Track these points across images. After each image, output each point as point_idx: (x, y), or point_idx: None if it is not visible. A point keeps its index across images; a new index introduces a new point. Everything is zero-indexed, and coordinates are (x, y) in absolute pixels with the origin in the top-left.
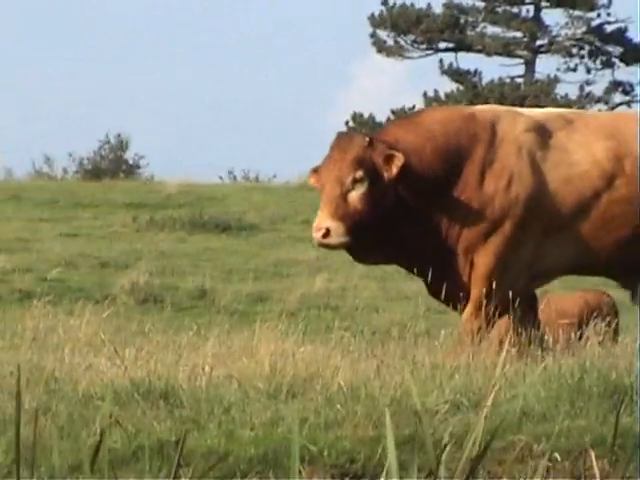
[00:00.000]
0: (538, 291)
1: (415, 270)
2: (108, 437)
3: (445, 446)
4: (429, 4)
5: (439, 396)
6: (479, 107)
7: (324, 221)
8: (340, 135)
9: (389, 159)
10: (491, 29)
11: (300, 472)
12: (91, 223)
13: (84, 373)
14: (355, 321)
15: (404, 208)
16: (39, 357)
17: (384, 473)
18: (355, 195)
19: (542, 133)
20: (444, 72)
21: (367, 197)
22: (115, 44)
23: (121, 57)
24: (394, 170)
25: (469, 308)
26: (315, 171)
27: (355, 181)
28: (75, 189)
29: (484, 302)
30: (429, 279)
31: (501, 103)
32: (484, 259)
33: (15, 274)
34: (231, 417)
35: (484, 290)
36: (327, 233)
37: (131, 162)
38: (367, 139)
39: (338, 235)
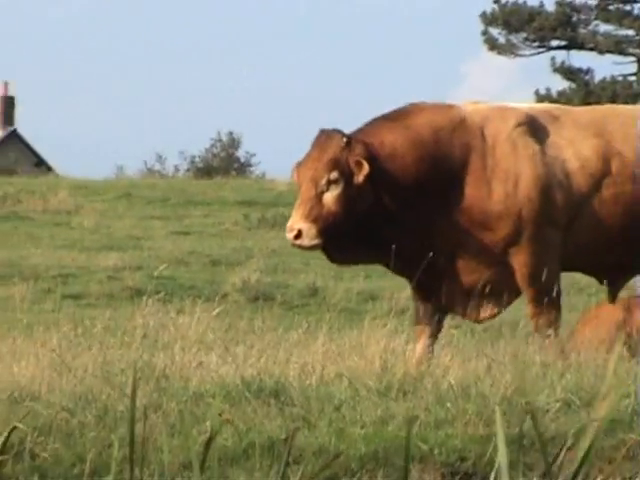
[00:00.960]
0: None
1: (401, 271)
2: (218, 435)
3: (562, 446)
4: (541, 2)
5: (550, 395)
6: (467, 107)
7: (297, 222)
8: (321, 132)
9: (358, 165)
10: (603, 27)
11: (410, 470)
12: (202, 221)
13: (195, 371)
14: (465, 320)
15: (385, 210)
16: (150, 355)
17: (494, 472)
18: (329, 196)
19: (534, 127)
20: (556, 70)
21: (341, 199)
22: (226, 43)
23: (232, 55)
24: (360, 178)
25: (532, 310)
26: (297, 166)
27: (330, 182)
28: (186, 187)
29: (543, 298)
30: (415, 280)
31: (613, 101)
32: (522, 260)
33: (126, 272)
34: (341, 415)
35: (537, 287)
36: (299, 235)
37: (242, 160)
38: (345, 139)
39: (310, 237)
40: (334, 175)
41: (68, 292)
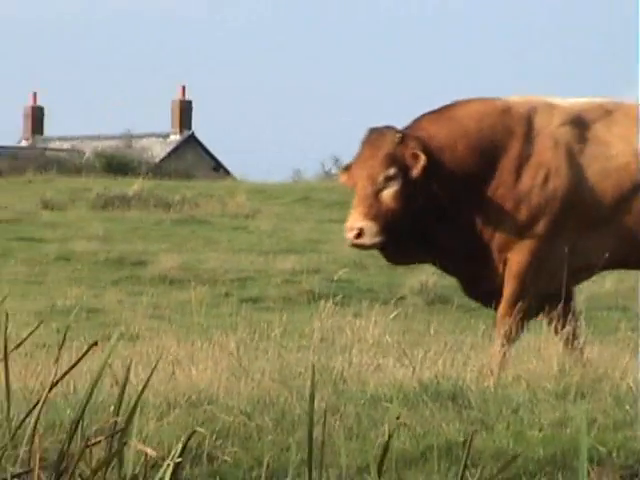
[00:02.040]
0: None
1: (449, 270)
2: (396, 438)
3: None
4: None
5: None
6: (515, 99)
7: (357, 221)
8: (371, 131)
9: (415, 158)
10: None
11: (589, 473)
12: None
13: (372, 374)
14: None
15: (437, 206)
16: (327, 358)
17: None
18: (388, 193)
19: (579, 126)
20: None
21: (400, 195)
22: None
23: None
24: (418, 171)
25: (502, 308)
26: (346, 169)
27: (387, 179)
28: None
29: (517, 301)
30: (464, 279)
31: None
32: (518, 257)
33: (304, 275)
34: (519, 418)
35: (516, 288)
36: (360, 233)
37: None
38: (399, 135)
39: (372, 235)
40: (391, 171)
41: (246, 295)
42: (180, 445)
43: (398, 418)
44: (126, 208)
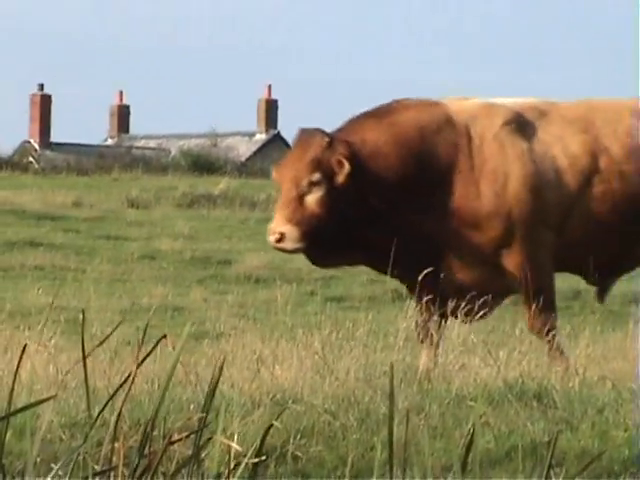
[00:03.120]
0: None
1: (389, 272)
2: (480, 437)
3: None
4: None
5: None
6: (453, 105)
7: (279, 225)
8: (302, 131)
9: (339, 165)
10: None
11: None
12: None
13: (457, 373)
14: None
15: (370, 212)
16: (412, 357)
17: None
18: (312, 198)
19: (521, 125)
20: None
21: (324, 201)
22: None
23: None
24: (341, 178)
25: (527, 311)
26: (278, 166)
27: (311, 184)
28: None
29: (539, 299)
30: (409, 281)
31: None
32: (515, 261)
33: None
34: (604, 418)
35: (532, 288)
36: (281, 238)
37: None
38: (326, 139)
39: (293, 240)
40: (316, 176)
41: (331, 295)
42: (259, 440)
43: (481, 417)
44: (212, 207)
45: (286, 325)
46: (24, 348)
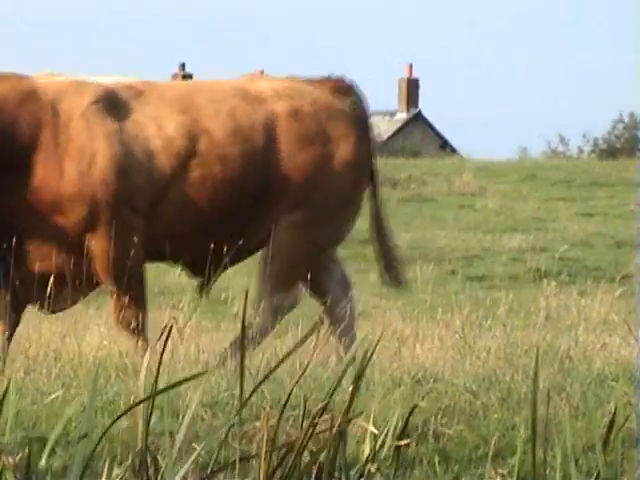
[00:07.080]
0: None
1: None
2: (622, 417)
3: None
4: None
5: None
6: (42, 80)
7: None
8: None
9: None
10: None
11: None
12: (607, 202)
13: (598, 352)
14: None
15: None
16: (553, 336)
17: None
18: None
19: (114, 104)
20: None
21: None
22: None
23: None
24: None
25: (114, 301)
26: None
27: None
28: (590, 168)
29: (126, 288)
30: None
31: None
32: (100, 247)
33: (530, 253)
34: None
35: (118, 276)
36: None
37: None
38: None
39: None
40: None
41: (472, 274)
42: (403, 420)
43: (623, 397)
44: None
45: (426, 304)
46: (170, 328)
